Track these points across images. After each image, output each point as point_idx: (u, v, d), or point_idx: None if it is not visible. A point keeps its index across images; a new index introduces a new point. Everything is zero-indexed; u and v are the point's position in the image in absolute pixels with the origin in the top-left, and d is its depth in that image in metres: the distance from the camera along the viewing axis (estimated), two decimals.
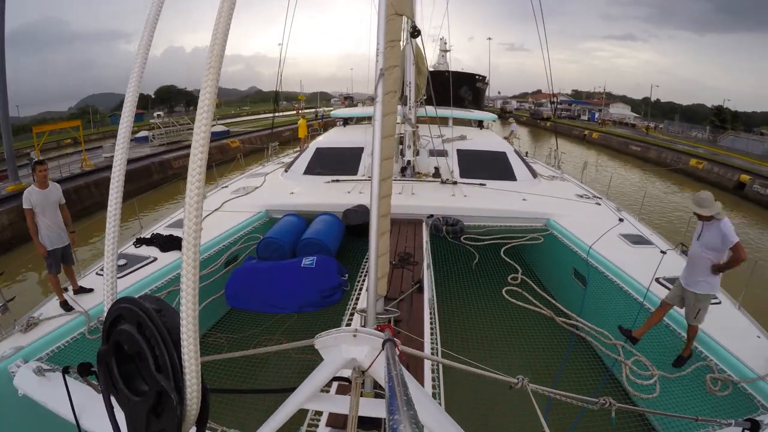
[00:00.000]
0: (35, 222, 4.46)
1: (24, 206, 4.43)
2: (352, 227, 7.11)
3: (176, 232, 6.16)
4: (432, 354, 3.90)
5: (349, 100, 62.24)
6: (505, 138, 13.86)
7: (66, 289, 4.68)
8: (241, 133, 30.07)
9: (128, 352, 0.95)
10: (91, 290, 4.73)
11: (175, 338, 0.91)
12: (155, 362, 0.90)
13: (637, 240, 6.35)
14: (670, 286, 5.01)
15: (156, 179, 17.64)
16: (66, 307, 4.43)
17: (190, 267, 0.92)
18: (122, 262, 5.37)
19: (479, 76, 18.17)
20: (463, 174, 9.25)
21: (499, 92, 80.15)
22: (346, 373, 2.05)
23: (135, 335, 0.92)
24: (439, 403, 3.17)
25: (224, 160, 16.10)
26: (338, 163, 9.58)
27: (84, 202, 14.01)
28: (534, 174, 9.50)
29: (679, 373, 4.17)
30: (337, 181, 8.84)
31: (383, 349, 1.73)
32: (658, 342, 4.64)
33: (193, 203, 0.92)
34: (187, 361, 0.89)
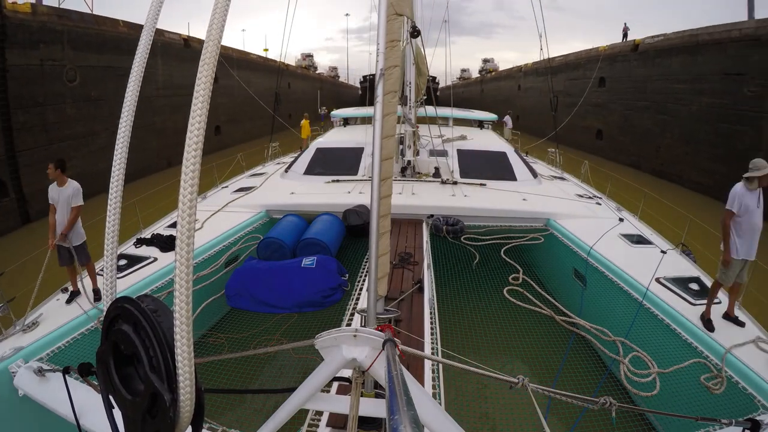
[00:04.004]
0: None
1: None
2: (353, 227, 7.11)
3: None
4: (432, 354, 3.90)
5: (309, 58, 64.18)
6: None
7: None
8: None
9: (124, 352, 0.95)
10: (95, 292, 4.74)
11: (171, 339, 0.91)
12: (150, 363, 0.90)
13: (638, 240, 6.35)
14: (671, 286, 5.01)
15: None
16: (71, 297, 4.51)
17: (184, 268, 0.92)
18: (122, 262, 5.36)
19: (430, 77, 19.44)
20: (463, 174, 9.24)
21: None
22: (347, 373, 2.05)
23: (131, 335, 0.92)
24: (439, 403, 3.17)
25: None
26: (338, 163, 9.58)
27: None
28: (534, 174, 9.50)
29: (676, 367, 4.16)
30: (338, 181, 8.84)
31: (383, 349, 1.73)
32: (656, 339, 4.65)
33: (187, 202, 0.91)
34: (180, 362, 0.89)
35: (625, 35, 27.31)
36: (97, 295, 4.65)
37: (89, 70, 15.38)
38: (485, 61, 71.69)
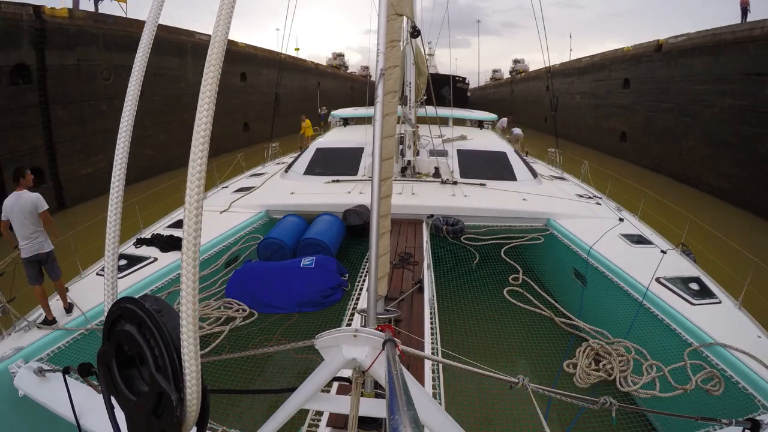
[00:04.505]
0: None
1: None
2: (353, 227, 7.11)
3: (176, 233, 6.15)
4: (432, 354, 3.90)
5: (340, 58, 66.72)
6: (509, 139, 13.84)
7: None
8: None
9: (128, 352, 0.95)
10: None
11: (176, 339, 0.91)
12: (155, 363, 0.90)
13: (638, 240, 6.35)
14: (671, 286, 5.01)
15: None
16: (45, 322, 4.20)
17: (190, 267, 0.92)
18: (122, 262, 5.36)
19: (459, 77, 19.15)
20: (463, 174, 9.24)
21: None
22: (347, 373, 2.05)
23: (135, 336, 0.92)
24: (439, 403, 3.17)
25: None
26: (338, 163, 9.58)
27: None
28: (534, 174, 9.50)
29: (677, 365, 4.16)
30: (338, 181, 8.84)
31: (383, 349, 1.73)
32: (656, 339, 4.64)
33: (193, 202, 0.92)
34: (187, 361, 0.89)
35: (744, 13, 20.96)
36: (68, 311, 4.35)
37: (122, 70, 16.46)
38: (516, 61, 71.56)
